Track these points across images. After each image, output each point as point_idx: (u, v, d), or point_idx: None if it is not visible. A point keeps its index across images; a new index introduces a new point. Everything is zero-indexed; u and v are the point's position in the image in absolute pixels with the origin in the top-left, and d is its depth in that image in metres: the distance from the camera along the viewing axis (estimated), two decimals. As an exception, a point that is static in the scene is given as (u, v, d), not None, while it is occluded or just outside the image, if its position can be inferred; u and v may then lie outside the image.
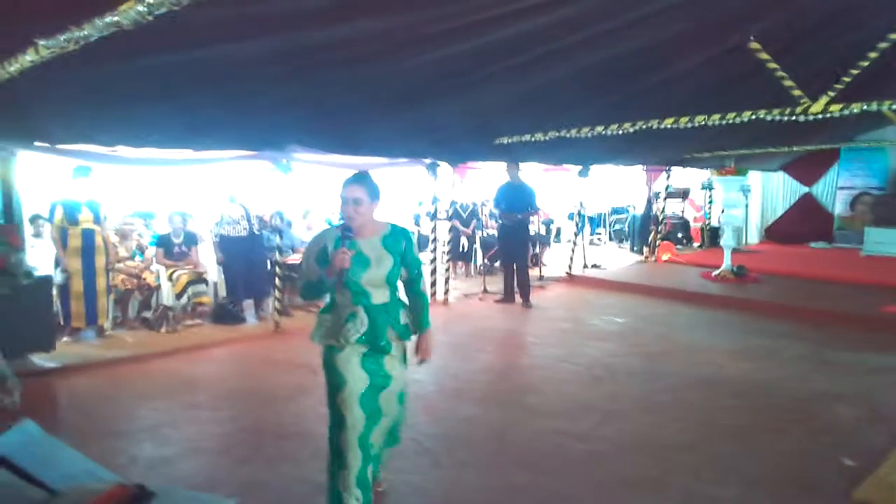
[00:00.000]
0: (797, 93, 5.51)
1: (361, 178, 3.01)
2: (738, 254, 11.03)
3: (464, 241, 11.16)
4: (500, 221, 9.07)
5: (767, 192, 15.13)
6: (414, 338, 3.18)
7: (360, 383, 2.98)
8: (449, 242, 10.43)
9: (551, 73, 5.28)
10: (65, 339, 6.48)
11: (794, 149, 11.21)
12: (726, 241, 10.36)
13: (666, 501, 3.48)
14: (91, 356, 6.16)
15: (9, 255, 4.83)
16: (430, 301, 3.31)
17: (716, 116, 6.14)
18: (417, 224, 11.92)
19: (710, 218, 14.34)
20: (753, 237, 14.90)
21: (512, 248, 8.88)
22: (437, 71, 4.76)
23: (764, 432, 4.40)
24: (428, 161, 8.56)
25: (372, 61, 4.32)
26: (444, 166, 8.91)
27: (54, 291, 6.31)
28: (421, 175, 9.05)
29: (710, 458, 3.98)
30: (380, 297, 2.98)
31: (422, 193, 11.42)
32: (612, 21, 4.31)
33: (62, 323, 6.52)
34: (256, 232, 7.72)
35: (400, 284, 3.13)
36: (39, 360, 5.79)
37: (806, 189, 14.56)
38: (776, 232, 14.94)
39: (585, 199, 11.28)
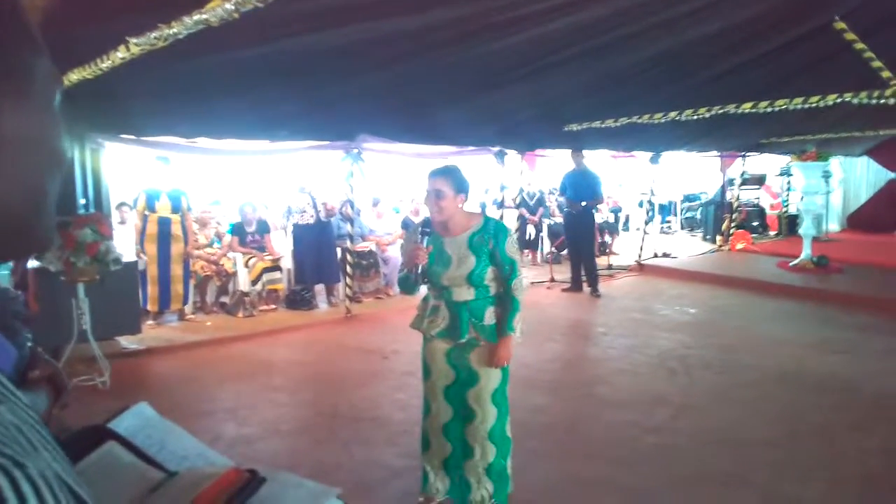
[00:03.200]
0: (886, 74, 5.24)
1: (446, 170, 2.95)
2: (819, 243, 10.59)
3: (531, 229, 11.10)
4: (566, 209, 8.97)
5: (850, 178, 14.43)
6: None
7: (443, 377, 3.04)
8: (516, 231, 10.39)
9: (624, 58, 5.18)
10: (149, 322, 6.79)
11: (881, 133, 10.65)
12: (806, 229, 9.94)
13: (747, 499, 3.39)
14: (174, 339, 6.44)
15: (99, 243, 5.07)
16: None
17: (798, 100, 5.90)
18: (484, 212, 11.92)
19: (787, 205, 13.79)
20: (835, 225, 14.25)
21: (578, 237, 8.78)
22: (507, 58, 4.74)
23: (848, 429, 4.23)
24: (496, 149, 8.53)
25: (442, 50, 4.34)
26: (511, 154, 8.87)
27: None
28: (488, 163, 9.04)
29: (792, 454, 3.86)
30: (462, 294, 2.94)
31: (489, 181, 11.42)
32: (689, 3, 4.19)
33: (145, 307, 6.84)
34: (323, 220, 7.87)
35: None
36: (126, 342, 6.10)
37: (892, 175, 13.80)
38: (859, 220, 14.24)
39: (656, 187, 11.02)
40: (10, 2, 0.51)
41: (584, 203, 8.56)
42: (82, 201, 5.80)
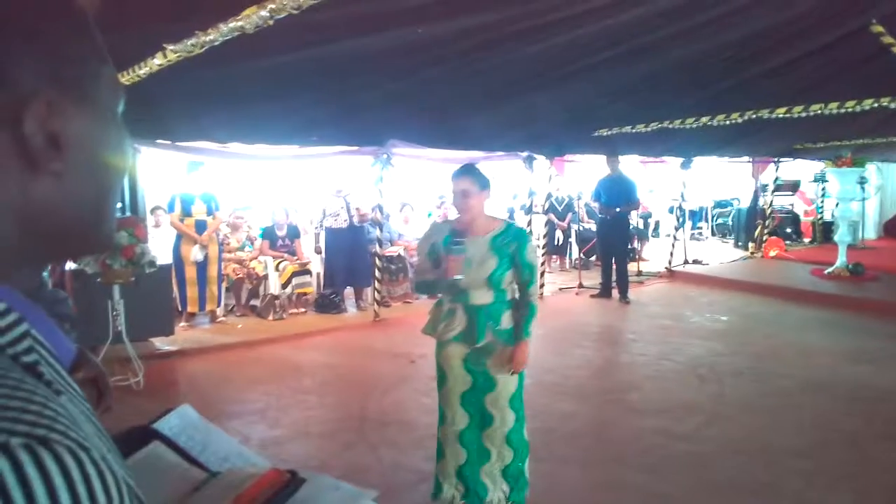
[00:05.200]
0: (926, 78, 5.13)
1: (467, 169, 3.00)
2: (854, 250, 10.37)
3: (559, 234, 11.05)
4: (600, 215, 8.92)
5: (888, 184, 14.11)
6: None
7: (460, 383, 3.04)
8: (544, 236, 10.36)
9: (655, 62, 5.14)
10: (182, 324, 6.90)
11: (920, 138, 10.41)
12: (841, 236, 9.74)
13: (777, 508, 3.35)
14: (205, 341, 6.54)
15: (135, 246, 5.18)
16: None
17: (833, 105, 5.80)
18: (512, 217, 11.90)
19: (822, 212, 13.54)
20: (871, 233, 13.94)
21: (611, 242, 8.72)
22: (536, 64, 4.73)
23: (880, 440, 4.15)
24: (525, 154, 8.53)
25: (472, 56, 4.35)
26: (540, 159, 8.85)
27: (173, 279, 6.73)
28: (517, 168, 9.02)
29: (823, 464, 3.79)
30: (480, 297, 2.93)
31: (517, 187, 11.40)
32: (721, 7, 4.15)
33: (179, 309, 6.95)
34: (356, 224, 7.92)
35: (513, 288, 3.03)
36: (160, 343, 6.21)
37: (931, 181, 13.50)
38: (896, 227, 13.93)
39: (687, 192, 10.90)
40: (81, 13, 0.54)
41: (618, 209, 8.50)
42: (118, 205, 5.92)
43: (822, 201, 13.49)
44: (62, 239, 0.55)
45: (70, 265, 5.63)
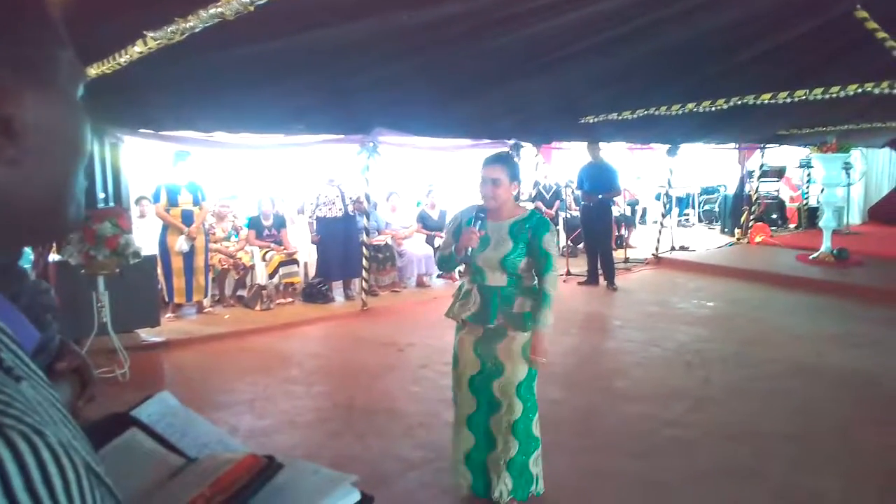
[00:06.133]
0: (910, 63, 5.15)
1: (503, 157, 3.05)
2: (839, 235, 10.46)
3: (547, 222, 11.03)
4: (583, 202, 8.94)
5: (872, 170, 14.22)
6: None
7: (469, 367, 3.07)
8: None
9: (641, 48, 5.13)
10: (168, 315, 6.85)
11: (904, 123, 10.49)
12: (826, 222, 9.82)
13: (764, 492, 3.37)
14: (192, 331, 6.50)
15: (119, 236, 5.13)
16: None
17: (818, 91, 5.81)
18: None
19: (807, 198, 13.63)
20: (856, 218, 14.05)
21: (595, 229, 8.74)
22: (522, 50, 4.71)
23: (867, 424, 4.19)
24: (512, 142, 8.51)
25: (458, 43, 4.32)
26: (527, 147, 8.84)
27: (159, 270, 6.68)
28: (504, 156, 8.99)
29: (811, 449, 3.83)
30: (495, 279, 2.98)
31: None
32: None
33: (166, 300, 6.90)
34: (351, 213, 7.88)
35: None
36: (146, 334, 6.17)
37: (915, 166, 13.62)
38: (881, 212, 14.04)
39: (673, 179, 10.93)
40: None
41: (600, 196, 8.52)
42: (102, 195, 5.87)
43: (808, 187, 13.58)
44: (22, 225, 0.53)
45: (53, 256, 5.57)
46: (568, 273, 9.37)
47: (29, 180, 0.51)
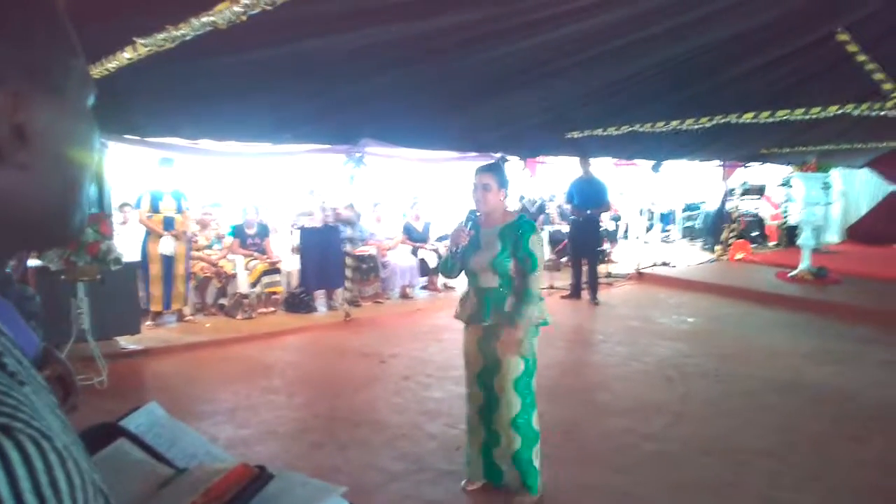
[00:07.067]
0: (887, 86, 5.27)
1: (492, 167, 3.32)
2: (818, 254, 10.60)
3: (531, 235, 11.07)
4: (572, 217, 8.99)
5: (850, 189, 14.44)
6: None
7: (474, 363, 3.32)
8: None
9: (627, 66, 5.21)
10: (148, 322, 6.79)
11: (882, 145, 10.69)
12: (805, 240, 9.96)
13: (742, 507, 3.40)
14: (172, 340, 6.45)
15: (100, 243, 5.09)
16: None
17: (799, 111, 5.92)
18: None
19: (787, 216, 13.80)
20: (834, 237, 14.26)
21: (583, 244, 8.78)
22: (510, 65, 4.76)
23: (844, 440, 4.24)
24: (498, 155, 8.55)
25: (446, 56, 4.36)
26: (512, 160, 8.88)
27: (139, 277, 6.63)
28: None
29: (788, 464, 3.86)
30: (486, 281, 3.20)
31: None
32: (692, 13, 4.22)
33: (145, 307, 6.83)
34: (331, 224, 7.87)
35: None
36: (125, 342, 6.10)
37: (892, 187, 13.83)
38: (859, 232, 14.24)
39: (657, 195, 11.04)
40: (52, 4, 0.53)
41: (589, 211, 8.57)
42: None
43: (788, 205, 13.75)
44: (27, 230, 0.54)
45: (33, 262, 5.51)
46: (551, 287, 9.41)
47: (37, 186, 0.52)
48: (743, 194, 12.60)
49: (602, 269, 10.21)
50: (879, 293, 8.88)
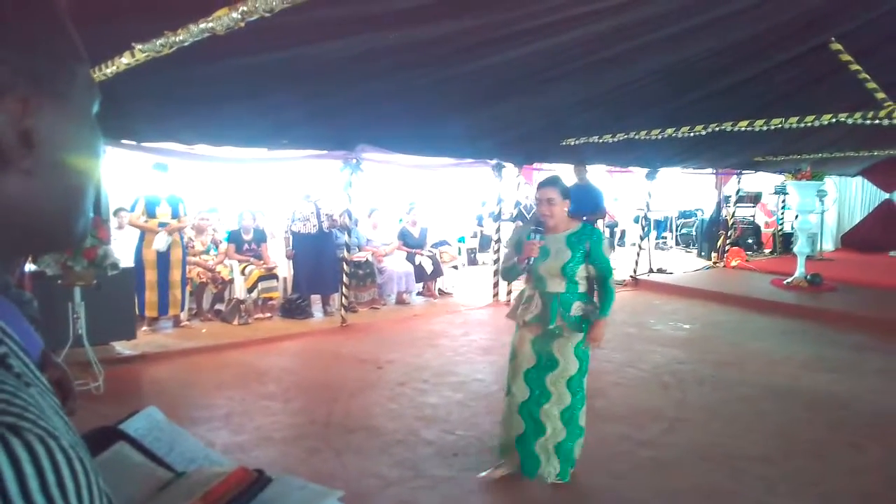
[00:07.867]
0: (880, 95, 5.30)
1: (554, 180, 3.48)
2: (813, 261, 10.64)
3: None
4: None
5: (845, 197, 14.52)
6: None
7: (526, 361, 3.47)
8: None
9: (623, 74, 5.23)
10: (144, 328, 6.77)
11: (875, 153, 10.76)
12: (800, 247, 10.00)
13: (737, 513, 3.41)
14: (168, 345, 6.44)
15: (97, 248, 5.08)
16: (502, 300, 3.36)
17: (793, 119, 5.96)
18: (481, 224, 11.95)
19: (782, 223, 13.86)
20: (829, 244, 14.32)
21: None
22: (507, 72, 4.78)
23: (841, 447, 4.25)
24: (494, 161, 8.58)
25: (443, 62, 4.38)
26: (509, 167, 8.91)
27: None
28: (486, 176, 9.07)
29: (785, 471, 3.87)
30: (554, 286, 3.38)
31: (486, 194, 11.45)
32: (687, 22, 4.25)
33: (140, 313, 6.82)
34: (326, 230, 7.88)
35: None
36: (121, 347, 6.09)
37: (886, 195, 13.91)
38: (853, 239, 14.32)
39: (652, 202, 11.07)
40: (57, 10, 0.54)
41: (584, 217, 8.57)
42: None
43: (783, 213, 13.82)
44: (31, 235, 0.54)
45: (30, 266, 5.49)
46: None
47: (42, 191, 0.52)
48: (738, 202, 12.66)
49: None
50: (874, 300, 8.92)
